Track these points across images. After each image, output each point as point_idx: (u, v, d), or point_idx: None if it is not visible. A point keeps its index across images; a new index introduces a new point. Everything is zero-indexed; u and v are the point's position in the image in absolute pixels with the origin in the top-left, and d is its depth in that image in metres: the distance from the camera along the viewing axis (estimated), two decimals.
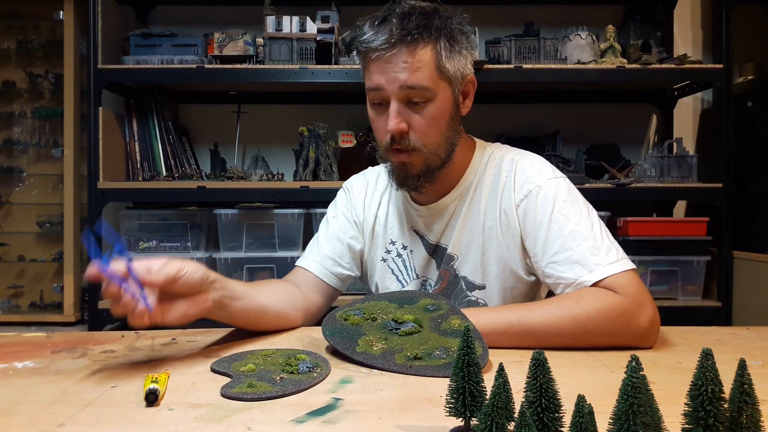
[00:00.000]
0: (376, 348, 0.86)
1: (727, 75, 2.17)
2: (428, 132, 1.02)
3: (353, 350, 0.85)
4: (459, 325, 0.90)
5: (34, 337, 1.02)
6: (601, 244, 0.98)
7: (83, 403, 0.69)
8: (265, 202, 2.20)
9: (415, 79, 0.98)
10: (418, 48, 0.98)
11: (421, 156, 1.03)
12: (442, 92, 1.01)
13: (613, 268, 0.95)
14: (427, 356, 0.83)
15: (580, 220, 1.01)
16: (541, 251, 1.02)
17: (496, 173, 1.10)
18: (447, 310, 0.94)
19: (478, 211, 1.10)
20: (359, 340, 0.87)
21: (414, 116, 1.01)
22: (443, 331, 0.89)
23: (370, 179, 1.24)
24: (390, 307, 0.96)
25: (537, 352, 0.49)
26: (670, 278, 2.19)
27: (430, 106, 1.01)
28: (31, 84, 2.60)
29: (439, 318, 0.92)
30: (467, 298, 1.11)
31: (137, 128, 2.30)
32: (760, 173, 2.33)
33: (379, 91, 1.01)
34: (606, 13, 2.51)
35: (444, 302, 0.96)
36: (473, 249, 1.10)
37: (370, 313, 0.94)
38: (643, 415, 0.44)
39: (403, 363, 0.82)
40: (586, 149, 2.38)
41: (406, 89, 0.99)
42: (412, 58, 0.98)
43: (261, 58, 2.19)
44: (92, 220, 2.13)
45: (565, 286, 0.99)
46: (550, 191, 1.04)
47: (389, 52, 0.98)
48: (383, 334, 0.89)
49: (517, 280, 1.09)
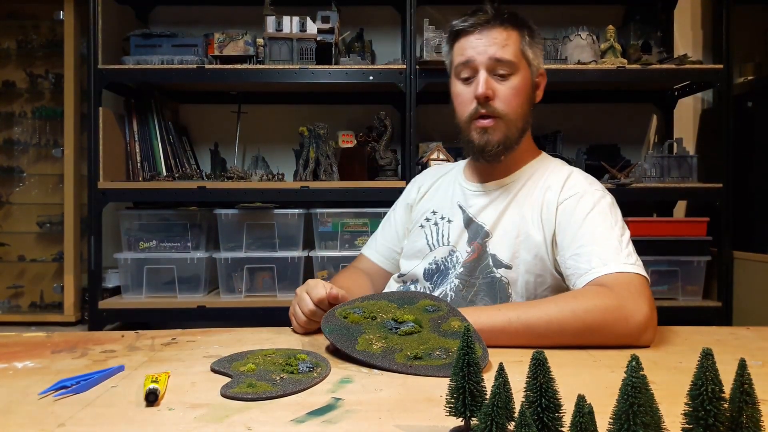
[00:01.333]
0: (376, 347, 0.86)
1: (727, 75, 2.17)
2: (511, 101, 1.14)
3: (353, 348, 0.86)
4: (458, 327, 0.90)
5: (35, 337, 1.02)
6: (624, 249, 1.02)
7: (83, 403, 0.69)
8: (265, 202, 2.20)
9: (504, 52, 1.12)
10: (508, 29, 1.14)
11: (503, 123, 1.14)
12: (523, 70, 1.15)
13: (625, 267, 0.99)
14: (427, 356, 0.84)
15: (611, 228, 1.06)
16: (568, 245, 1.07)
17: (550, 175, 1.18)
18: (446, 311, 0.94)
19: (522, 201, 1.16)
20: (359, 338, 0.88)
21: (499, 86, 1.13)
22: (443, 332, 0.90)
23: (433, 168, 1.42)
24: (390, 307, 0.96)
25: (537, 352, 0.49)
26: (670, 278, 2.19)
27: (513, 78, 1.14)
28: (31, 84, 2.60)
29: (439, 319, 0.93)
30: (492, 274, 1.13)
31: (137, 128, 2.30)
32: (760, 173, 2.33)
33: (469, 63, 1.14)
34: (606, 13, 2.51)
35: (444, 304, 0.97)
36: (510, 231, 1.14)
37: (369, 311, 0.94)
38: (643, 414, 0.44)
39: (403, 362, 0.82)
40: (586, 149, 2.38)
41: (494, 61, 1.12)
42: (502, 35, 1.13)
43: (261, 59, 2.19)
44: (93, 220, 2.14)
45: (578, 276, 1.02)
46: (593, 199, 1.11)
47: (483, 29, 1.13)
48: (383, 333, 0.89)
49: (544, 269, 1.12)
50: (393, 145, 2.34)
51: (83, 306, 2.44)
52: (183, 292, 2.19)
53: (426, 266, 1.22)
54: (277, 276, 2.20)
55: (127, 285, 2.19)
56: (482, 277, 1.13)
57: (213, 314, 2.14)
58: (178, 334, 1.01)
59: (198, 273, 2.20)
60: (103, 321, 2.12)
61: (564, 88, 2.44)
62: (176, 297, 2.18)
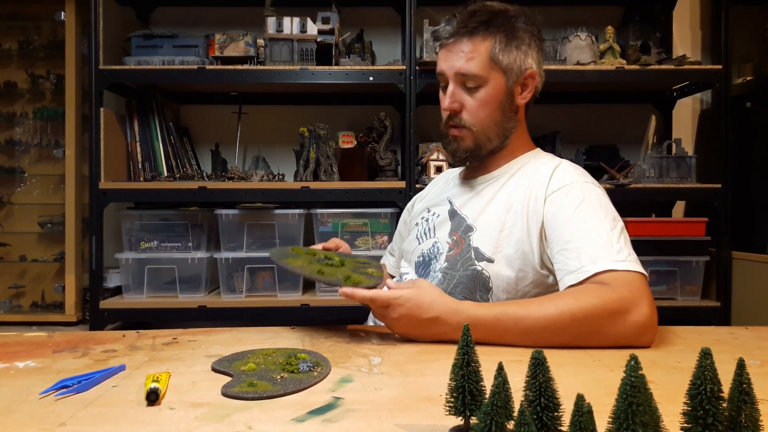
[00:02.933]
0: (297, 263, 1.07)
1: (725, 76, 2.17)
2: (478, 113, 1.16)
3: (281, 261, 1.08)
4: (372, 272, 1.08)
5: (36, 336, 1.02)
6: (615, 244, 1.00)
7: (84, 402, 0.69)
8: (265, 203, 2.20)
9: (468, 66, 1.13)
10: (476, 40, 1.14)
11: (471, 133, 1.17)
12: (494, 80, 1.15)
13: (617, 264, 0.96)
14: (330, 276, 1.04)
15: (601, 221, 1.04)
16: (557, 239, 1.05)
17: (538, 167, 1.17)
18: (372, 264, 1.14)
19: (508, 194, 1.16)
20: (289, 258, 1.09)
21: (467, 98, 1.16)
22: (360, 272, 1.07)
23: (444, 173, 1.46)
24: (332, 255, 1.16)
25: (536, 352, 0.49)
26: (669, 278, 2.19)
27: (482, 90, 1.15)
28: (32, 84, 2.60)
29: (360, 266, 1.12)
30: (473, 267, 1.11)
31: (138, 129, 2.31)
32: (759, 174, 2.33)
33: (442, 75, 1.18)
34: (605, 14, 2.51)
35: (373, 262, 1.16)
36: (493, 224, 1.13)
37: (310, 252, 1.16)
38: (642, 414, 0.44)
39: (311, 273, 1.03)
40: (585, 150, 2.38)
41: (460, 75, 1.15)
42: (469, 47, 1.14)
43: (262, 59, 2.20)
44: (94, 220, 2.14)
45: (567, 273, 1.00)
46: (582, 191, 1.09)
47: (451, 41, 1.16)
48: (309, 261, 1.09)
49: (527, 264, 1.09)
50: (393, 146, 2.34)
51: (84, 306, 2.44)
52: (184, 292, 2.19)
53: (416, 260, 1.23)
54: (277, 276, 2.20)
55: (128, 285, 2.20)
56: (462, 270, 1.12)
57: (214, 314, 2.14)
58: (179, 333, 1.02)
59: (199, 273, 2.21)
60: (104, 321, 2.13)
61: (563, 88, 2.44)
62: (177, 297, 2.19)
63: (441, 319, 0.94)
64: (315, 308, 2.15)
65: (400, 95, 2.19)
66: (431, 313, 0.95)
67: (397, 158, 2.31)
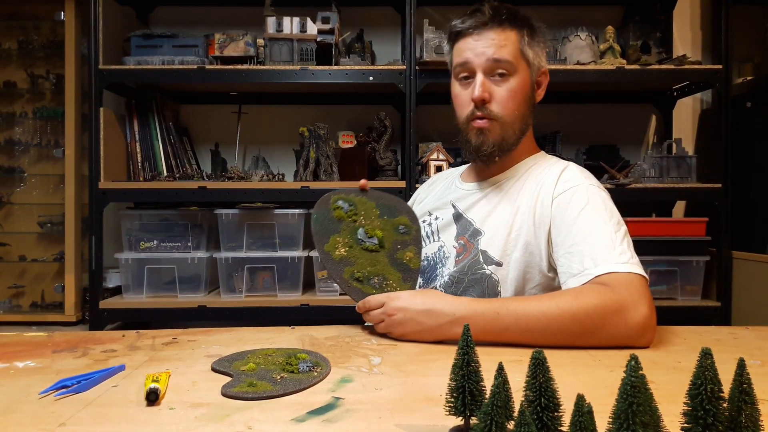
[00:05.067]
0: (338, 252, 1.04)
1: (726, 76, 2.17)
2: (507, 103, 1.13)
3: (322, 246, 1.06)
4: (409, 259, 1.08)
5: (35, 336, 1.02)
6: (617, 247, 1.00)
7: (84, 402, 0.69)
8: (265, 203, 2.20)
9: (502, 53, 1.12)
10: (506, 29, 1.13)
11: (499, 125, 1.14)
12: (522, 71, 1.14)
13: (619, 267, 0.97)
14: (366, 280, 1.02)
15: (605, 224, 1.04)
16: (561, 241, 1.06)
17: (545, 169, 1.16)
18: (413, 237, 1.12)
19: (515, 197, 1.15)
20: (331, 237, 1.06)
21: (496, 89, 1.13)
22: (395, 259, 1.07)
23: (442, 173, 1.43)
24: (373, 213, 1.13)
25: (537, 352, 0.49)
26: (669, 278, 2.19)
27: (512, 80, 1.13)
28: (32, 84, 2.60)
29: (400, 244, 1.09)
30: (481, 271, 1.12)
31: (138, 128, 2.31)
32: (759, 173, 2.33)
33: (467, 65, 1.14)
34: (605, 13, 2.51)
35: (415, 229, 1.14)
36: (501, 228, 1.13)
37: (355, 210, 1.12)
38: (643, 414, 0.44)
39: (347, 279, 1.01)
40: (585, 150, 2.38)
41: (492, 62, 1.12)
42: (500, 36, 1.12)
43: (261, 59, 2.20)
44: (93, 220, 2.14)
45: (570, 276, 1.01)
46: (588, 193, 1.09)
47: (480, 30, 1.13)
48: (350, 240, 1.07)
49: (533, 267, 1.10)
50: (393, 146, 2.34)
51: (84, 306, 2.44)
52: (184, 292, 2.19)
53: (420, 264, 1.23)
54: (277, 276, 2.20)
55: (128, 285, 2.20)
56: (471, 274, 1.12)
57: (213, 314, 2.14)
58: (179, 333, 1.02)
59: (198, 273, 2.21)
60: (104, 321, 2.13)
61: (563, 88, 2.44)
62: (177, 297, 2.19)
63: (439, 310, 0.95)
64: (315, 308, 2.15)
65: (400, 95, 2.19)
66: (428, 305, 0.95)
67: (397, 158, 2.31)
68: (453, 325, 0.93)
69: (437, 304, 0.95)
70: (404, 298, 0.98)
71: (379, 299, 0.99)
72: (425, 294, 0.99)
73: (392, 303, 0.97)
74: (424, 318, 0.95)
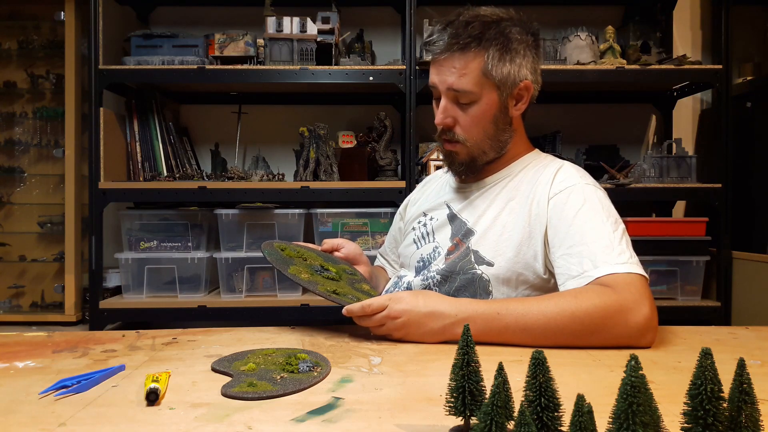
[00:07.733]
0: (304, 276, 1.05)
1: (726, 75, 2.17)
2: (471, 129, 1.14)
3: (286, 270, 1.06)
4: (368, 290, 1.11)
5: (36, 336, 1.02)
6: (616, 247, 1.00)
7: (84, 402, 0.69)
8: (265, 203, 2.20)
9: (460, 83, 1.11)
10: (468, 55, 1.10)
11: (465, 148, 1.15)
12: (487, 96, 1.12)
13: (618, 267, 0.96)
14: (343, 295, 1.02)
15: (603, 223, 1.03)
16: (558, 243, 1.05)
17: (540, 169, 1.16)
18: (360, 278, 1.17)
19: (509, 196, 1.15)
20: (290, 267, 1.07)
21: (460, 113, 1.14)
22: (356, 288, 1.10)
23: (435, 174, 1.44)
24: (318, 258, 1.17)
25: (537, 352, 0.49)
26: (669, 278, 2.19)
27: (474, 106, 1.12)
28: (32, 84, 2.60)
29: (354, 281, 1.14)
30: (472, 270, 1.11)
31: (138, 128, 2.31)
32: (759, 173, 2.33)
33: (434, 89, 1.16)
34: (605, 13, 2.51)
35: (359, 274, 1.19)
36: (493, 228, 1.13)
37: (301, 253, 1.15)
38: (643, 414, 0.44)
39: (324, 291, 1.01)
40: (585, 150, 2.38)
41: (452, 91, 1.12)
42: (461, 64, 1.10)
43: (262, 59, 2.20)
44: (93, 220, 2.14)
45: (570, 278, 1.00)
46: (584, 193, 1.08)
47: (443, 56, 1.12)
48: (310, 271, 1.09)
49: (526, 268, 1.09)
50: (393, 146, 2.34)
51: (84, 306, 2.44)
52: (184, 292, 2.19)
53: (416, 265, 1.23)
54: (277, 276, 2.20)
55: (128, 285, 2.20)
56: (462, 273, 1.12)
57: (213, 314, 2.15)
58: (179, 333, 1.02)
59: (198, 273, 2.21)
60: (104, 321, 2.13)
61: (563, 88, 2.44)
62: (177, 297, 2.19)
63: (442, 312, 0.94)
64: (315, 308, 2.15)
65: (400, 95, 2.19)
66: (431, 307, 0.95)
67: (397, 158, 2.31)
68: (455, 326, 0.93)
69: (440, 306, 0.95)
70: (407, 300, 0.96)
71: (382, 302, 0.97)
72: (426, 295, 0.98)
73: (395, 306, 0.96)
74: (428, 320, 0.95)
